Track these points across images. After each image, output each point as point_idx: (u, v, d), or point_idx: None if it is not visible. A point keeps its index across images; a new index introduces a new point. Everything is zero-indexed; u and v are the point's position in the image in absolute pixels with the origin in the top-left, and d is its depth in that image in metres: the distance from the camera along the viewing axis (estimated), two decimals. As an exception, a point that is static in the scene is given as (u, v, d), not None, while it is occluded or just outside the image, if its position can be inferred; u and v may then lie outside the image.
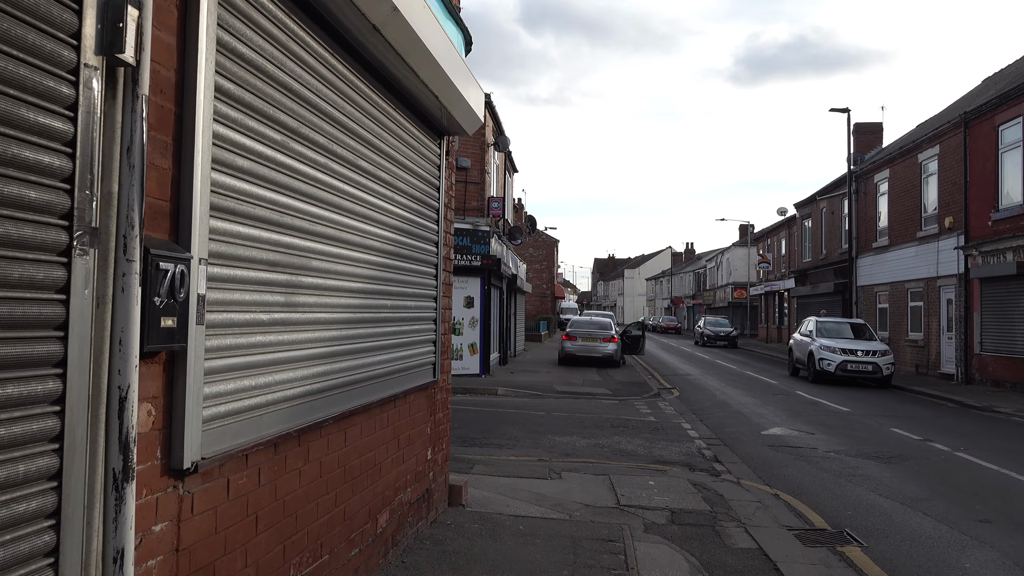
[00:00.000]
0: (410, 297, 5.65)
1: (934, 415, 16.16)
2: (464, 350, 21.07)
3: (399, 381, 5.42)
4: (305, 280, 3.80)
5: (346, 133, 4.30)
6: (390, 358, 5.19)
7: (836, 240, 35.14)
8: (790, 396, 19.04)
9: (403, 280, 5.46)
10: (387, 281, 5.11)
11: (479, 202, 21.61)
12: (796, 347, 24.96)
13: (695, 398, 18.56)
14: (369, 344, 4.77)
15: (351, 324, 4.46)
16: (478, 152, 21.62)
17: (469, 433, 11.99)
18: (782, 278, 47.36)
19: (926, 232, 25.18)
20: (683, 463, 10.39)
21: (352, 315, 4.48)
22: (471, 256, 21.01)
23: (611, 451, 11.06)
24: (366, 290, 4.72)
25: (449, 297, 7.02)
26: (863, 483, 9.29)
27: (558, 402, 16.80)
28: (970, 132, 22.15)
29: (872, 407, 17.18)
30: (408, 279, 5.59)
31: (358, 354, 4.57)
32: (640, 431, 12.94)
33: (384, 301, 5.06)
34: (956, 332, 22.95)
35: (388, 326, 5.15)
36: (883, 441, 12.41)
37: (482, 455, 10.32)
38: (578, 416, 14.43)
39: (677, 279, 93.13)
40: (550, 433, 12.35)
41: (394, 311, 5.26)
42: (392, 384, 5.26)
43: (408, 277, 5.58)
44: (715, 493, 8.44)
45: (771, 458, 10.89)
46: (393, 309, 5.24)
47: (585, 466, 9.75)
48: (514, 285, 29.16)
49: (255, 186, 3.27)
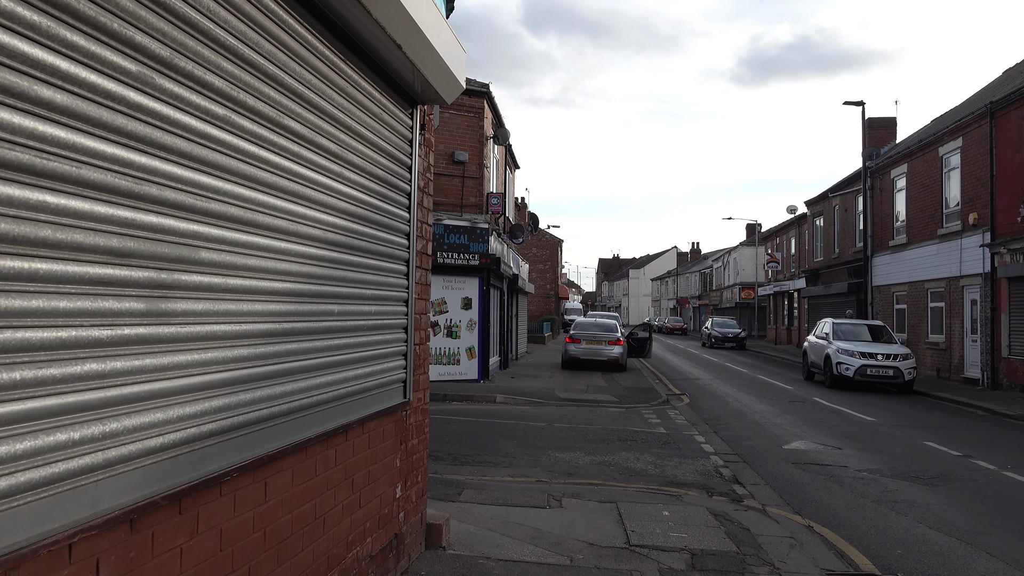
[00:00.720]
0: (369, 300, 4.51)
1: (967, 425, 14.97)
2: (461, 354, 19.94)
3: (353, 407, 4.28)
4: (186, 278, 2.67)
5: (264, 79, 3.17)
6: (338, 379, 4.05)
7: (850, 238, 33.92)
8: (808, 403, 17.86)
9: (358, 279, 4.32)
10: (334, 280, 3.98)
11: (477, 198, 20.48)
12: (811, 350, 23.77)
13: (707, 406, 17.39)
14: (304, 363, 3.63)
15: (274, 338, 3.32)
16: (476, 145, 20.50)
17: (461, 449, 10.86)
18: (792, 278, 46.13)
19: (948, 229, 23.97)
20: (699, 485, 9.24)
21: (276, 325, 3.34)
22: (469, 255, 19.88)
23: (618, 470, 9.91)
24: (300, 293, 3.58)
25: (426, 300, 5.87)
26: (907, 511, 8.12)
27: (560, 411, 15.65)
28: (996, 123, 20.94)
29: (898, 416, 15.99)
30: (366, 278, 4.45)
31: (286, 378, 3.44)
32: (649, 445, 11.79)
33: (329, 306, 3.92)
34: (981, 334, 21.74)
35: (335, 338, 4.01)
36: (919, 457, 11.24)
37: (473, 476, 9.18)
38: (581, 427, 13.28)
39: (683, 279, 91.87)
40: (551, 448, 11.20)
41: (344, 319, 4.12)
42: (342, 412, 4.12)
43: (366, 275, 4.45)
44: (739, 526, 7.28)
45: (798, 479, 9.73)
46: (343, 316, 4.10)
47: (589, 490, 8.61)
48: (515, 285, 28.02)
49: (77, 133, 2.13)
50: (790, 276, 47.05)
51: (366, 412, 4.50)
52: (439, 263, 19.36)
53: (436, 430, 12.38)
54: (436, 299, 19.63)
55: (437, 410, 14.85)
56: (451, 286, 19.89)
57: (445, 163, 19.96)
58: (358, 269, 4.31)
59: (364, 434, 4.53)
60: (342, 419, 4.13)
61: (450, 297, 19.85)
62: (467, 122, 20.40)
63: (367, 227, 4.44)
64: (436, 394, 16.99)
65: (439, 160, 19.84)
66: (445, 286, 19.81)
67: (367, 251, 4.45)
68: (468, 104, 20.38)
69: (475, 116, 20.54)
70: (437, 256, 19.29)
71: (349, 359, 4.20)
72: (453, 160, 20.02)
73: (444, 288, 19.79)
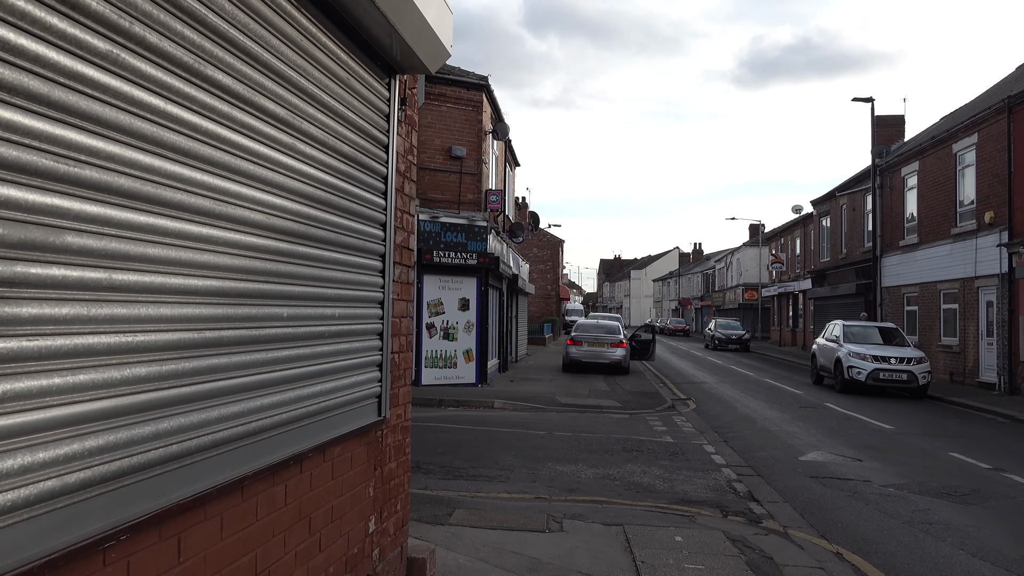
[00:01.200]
0: (332, 302, 3.76)
1: (991, 434, 14.19)
2: (459, 357, 19.17)
3: (310, 431, 3.53)
4: (39, 272, 1.91)
5: (202, 32, 2.42)
6: (289, 399, 3.30)
7: (858, 238, 33.15)
8: (820, 409, 17.08)
9: (318, 276, 3.57)
10: (283, 277, 3.22)
11: (475, 195, 19.71)
12: (820, 353, 22.99)
13: (714, 411, 16.63)
14: (237, 381, 2.88)
15: (190, 352, 2.57)
16: (474, 140, 19.73)
17: (454, 461, 10.10)
18: (797, 279, 45.35)
19: (962, 228, 23.19)
20: (712, 502, 8.49)
21: (193, 335, 2.59)
22: (466, 254, 19.12)
23: (624, 485, 9.15)
24: (233, 292, 2.83)
25: (408, 301, 5.11)
26: (944, 535, 7.36)
27: (561, 418, 14.88)
28: (1015, 118, 20.16)
29: (916, 423, 15.23)
30: (329, 274, 3.70)
31: (207, 402, 2.68)
32: (657, 456, 11.02)
33: (275, 309, 3.17)
34: (998, 337, 20.96)
35: (284, 348, 3.25)
36: (946, 471, 10.47)
37: (466, 492, 8.43)
38: (584, 436, 12.52)
39: (685, 280, 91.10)
40: (551, 460, 10.44)
41: (297, 324, 3.36)
42: (294, 438, 3.37)
43: (329, 271, 3.69)
44: (761, 554, 6.52)
45: (819, 496, 8.96)
46: (295, 322, 3.35)
47: (593, 509, 7.85)
48: (515, 286, 27.26)
49: None
50: (795, 277, 46.28)
51: (328, 436, 3.75)
52: (435, 262, 18.61)
53: (429, 439, 11.64)
54: (432, 300, 18.88)
55: (431, 417, 14.10)
56: (448, 286, 19.13)
57: (442, 158, 19.22)
58: (317, 264, 3.56)
59: (326, 462, 3.78)
60: (294, 447, 3.37)
61: (447, 298, 19.09)
62: (465, 116, 19.65)
63: (329, 213, 3.69)
64: (431, 399, 16.24)
65: (435, 155, 19.10)
66: (442, 286, 19.06)
67: (329, 242, 3.69)
68: (466, 97, 19.63)
69: (473, 110, 19.78)
70: (433, 255, 18.54)
71: (304, 373, 3.44)
72: (450, 155, 19.27)
73: (441, 288, 19.04)
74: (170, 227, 2.44)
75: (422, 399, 16.31)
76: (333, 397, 3.78)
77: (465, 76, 19.78)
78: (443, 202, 19.13)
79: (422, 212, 18.59)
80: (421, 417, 14.00)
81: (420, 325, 18.61)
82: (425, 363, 18.66)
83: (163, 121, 2.40)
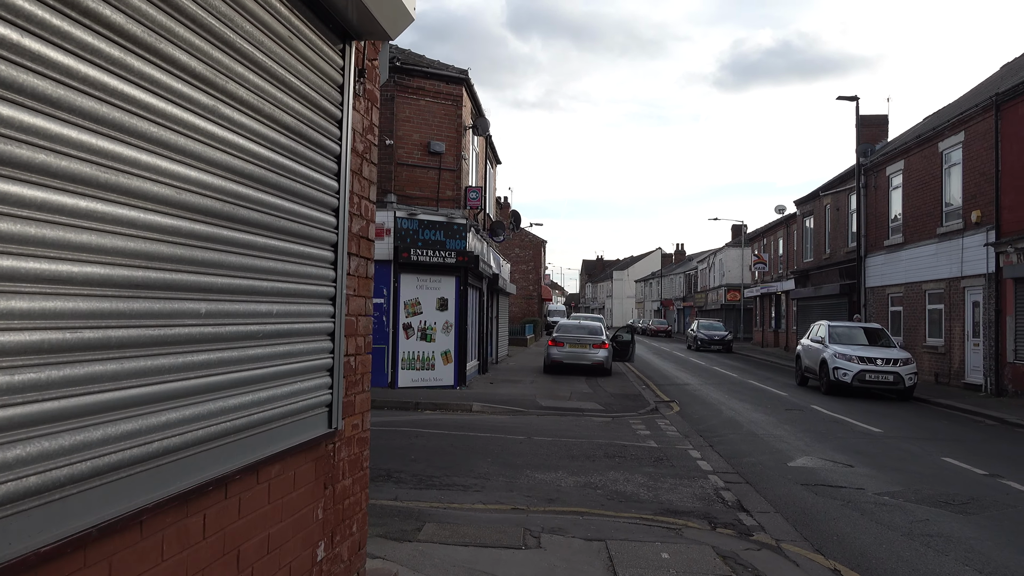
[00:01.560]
0: (269, 297, 3.22)
1: (982, 438, 13.82)
2: (436, 359, 18.61)
3: (238, 449, 3.00)
4: None
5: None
6: (206, 412, 2.76)
7: (842, 238, 32.90)
8: (806, 412, 16.68)
9: (248, 267, 3.04)
10: (201, 266, 2.69)
11: (455, 192, 19.16)
12: (805, 354, 22.62)
13: (698, 414, 16.18)
14: (133, 392, 2.34)
15: (64, 356, 2.03)
16: (453, 135, 19.18)
17: (428, 469, 9.56)
18: (780, 279, 45.16)
19: (948, 228, 22.92)
20: (700, 513, 8.00)
21: (68, 335, 2.05)
22: (445, 252, 18.57)
23: (606, 494, 8.65)
24: (129, 283, 2.29)
25: (367, 297, 4.58)
26: (948, 549, 6.91)
27: (541, 421, 14.37)
28: (1003, 116, 19.88)
29: (905, 426, 14.85)
30: (263, 264, 3.17)
31: (89, 419, 2.14)
32: (640, 463, 10.54)
33: (189, 304, 2.63)
34: (984, 338, 20.68)
35: (201, 350, 2.72)
36: (941, 477, 10.06)
37: (439, 503, 7.90)
38: (565, 441, 12.01)
39: (667, 281, 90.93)
40: (530, 467, 9.92)
41: (219, 322, 2.83)
42: (216, 459, 2.83)
43: (263, 260, 3.16)
44: (754, 573, 6.04)
45: (811, 505, 8.50)
46: (217, 319, 2.81)
47: (573, 522, 7.34)
48: (496, 286, 26.73)
49: None
50: (778, 277, 46.08)
51: (263, 453, 3.21)
52: (413, 261, 18.05)
53: (402, 445, 11.10)
54: (409, 300, 18.31)
55: (406, 421, 13.55)
56: (426, 285, 18.57)
57: (420, 154, 18.65)
58: (248, 251, 3.03)
59: (260, 484, 3.24)
60: (216, 468, 2.84)
61: (424, 297, 18.53)
62: (444, 110, 19.09)
63: (265, 192, 3.15)
64: (407, 402, 15.69)
65: (413, 150, 18.54)
66: (419, 285, 18.49)
67: (264, 227, 3.16)
68: (445, 91, 19.08)
69: (452, 104, 19.23)
70: (411, 253, 17.97)
71: (229, 380, 2.91)
72: (429, 151, 18.70)
73: (418, 288, 18.47)
74: (27, 196, 1.90)
75: (398, 402, 15.76)
76: (270, 407, 3.24)
77: (444, 69, 19.23)
78: (421, 199, 18.57)
79: (399, 209, 18.03)
80: (396, 421, 13.45)
81: (397, 326, 18.04)
82: (402, 365, 18.09)
83: (39, 68, 1.86)
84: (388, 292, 17.93)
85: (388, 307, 17.92)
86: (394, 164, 18.19)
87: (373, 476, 9.06)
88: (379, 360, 17.84)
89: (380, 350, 17.87)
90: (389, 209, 17.95)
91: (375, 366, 17.84)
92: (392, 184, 18.13)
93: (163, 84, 2.46)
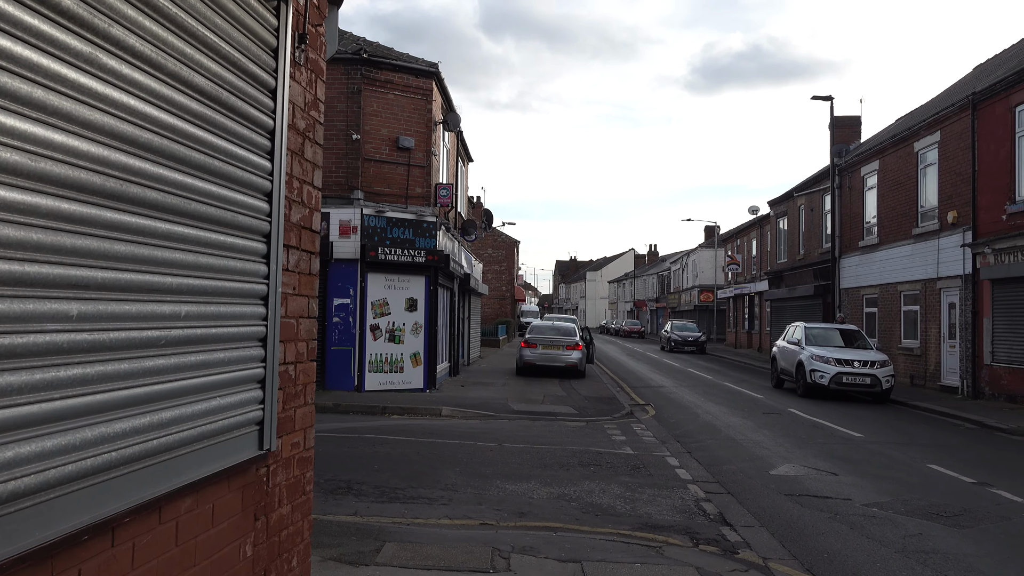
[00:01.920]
0: (174, 296, 2.64)
1: (964, 443, 13.50)
2: (405, 361, 17.99)
3: (129, 484, 2.42)
4: None
5: None
6: (83, 440, 2.18)
7: (816, 239, 32.73)
8: (784, 416, 16.30)
9: (144, 258, 2.45)
10: (68, 255, 2.11)
11: (424, 189, 18.55)
12: (781, 356, 22.30)
13: (675, 418, 15.73)
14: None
15: None
16: (423, 130, 18.56)
17: (392, 480, 8.98)
18: (753, 280, 45.04)
19: (923, 228, 22.72)
20: (681, 528, 7.51)
21: None
22: (414, 251, 17.96)
23: (581, 507, 8.13)
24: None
25: (311, 297, 4.00)
26: (946, 568, 6.45)
27: (513, 426, 13.83)
28: (979, 115, 19.68)
29: (885, 431, 14.50)
30: (166, 255, 2.59)
31: None
32: (617, 471, 10.03)
33: (58, 304, 2.05)
34: (961, 340, 20.47)
35: (70, 364, 2.13)
36: (928, 486, 9.66)
37: (402, 519, 7.33)
38: (537, 448, 11.47)
39: (640, 282, 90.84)
40: (500, 477, 9.37)
41: (98, 327, 2.24)
42: (96, 498, 2.25)
43: (165, 251, 2.58)
44: (743, 598, 5.54)
45: (797, 518, 8.04)
46: (94, 324, 2.23)
47: (546, 539, 6.80)
48: (467, 286, 26.14)
49: None
50: (751, 279, 45.96)
51: (168, 486, 2.63)
52: (380, 260, 17.42)
53: (366, 453, 10.50)
54: (377, 300, 17.68)
55: (371, 427, 12.94)
56: (394, 285, 17.94)
57: (388, 149, 18.02)
58: (144, 239, 2.45)
59: (164, 524, 2.66)
60: (99, 510, 2.25)
61: (393, 298, 17.90)
62: (413, 104, 18.48)
63: (168, 168, 2.57)
64: (374, 407, 15.08)
65: (381, 145, 17.91)
66: (387, 285, 17.86)
67: (168, 210, 2.58)
68: (414, 85, 18.47)
69: (422, 98, 18.63)
70: (378, 252, 17.34)
71: (112, 400, 2.32)
72: (397, 146, 18.07)
73: (386, 288, 17.84)
74: None
75: (364, 406, 15.13)
76: (177, 430, 2.66)
77: (414, 62, 18.62)
78: (389, 196, 17.95)
79: (366, 206, 17.39)
80: (360, 427, 12.84)
81: (364, 327, 17.40)
82: (369, 367, 17.45)
83: None
84: (355, 292, 17.30)
85: (355, 308, 17.28)
86: (361, 159, 17.55)
87: (332, 488, 8.46)
88: (345, 362, 17.20)
89: (346, 352, 17.24)
90: (356, 206, 17.32)
91: (341, 369, 17.19)
92: (359, 180, 17.49)
93: (8, 16, 1.88)
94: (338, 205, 17.27)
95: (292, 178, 3.70)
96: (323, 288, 17.16)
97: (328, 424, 12.93)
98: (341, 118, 17.47)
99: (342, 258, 17.22)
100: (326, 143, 17.53)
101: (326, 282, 17.20)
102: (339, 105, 17.48)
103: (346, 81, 17.53)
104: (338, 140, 17.44)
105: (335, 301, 17.27)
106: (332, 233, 17.19)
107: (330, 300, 17.22)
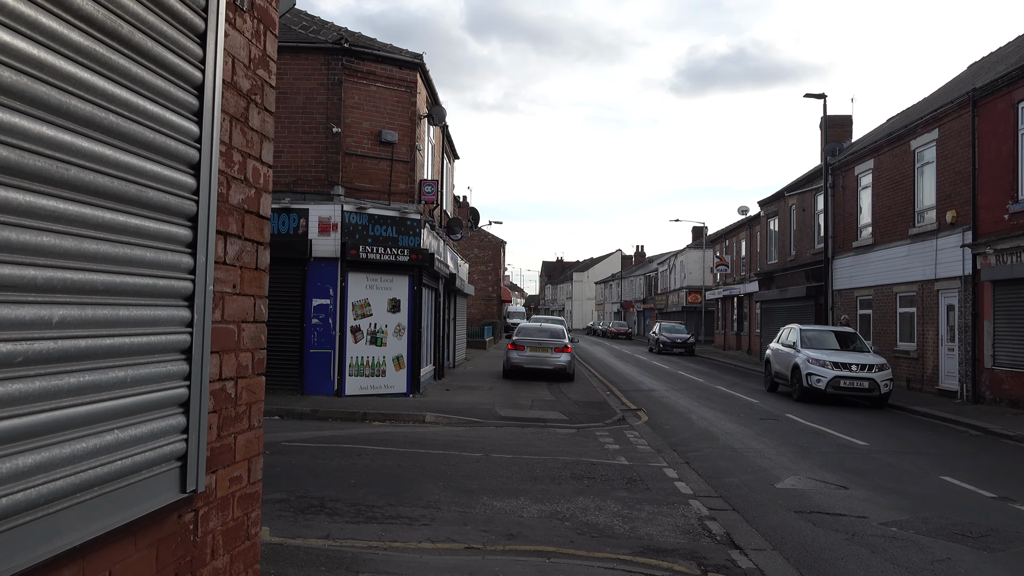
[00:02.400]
0: (44, 295, 1.91)
1: (973, 451, 12.90)
2: (388, 364, 17.24)
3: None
4: None
5: None
6: None
7: (808, 240, 32.20)
8: (782, 422, 15.67)
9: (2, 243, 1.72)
10: None
11: (408, 185, 17.80)
12: (775, 359, 21.71)
13: (669, 425, 15.07)
14: None
15: None
16: (407, 125, 17.83)
17: (369, 496, 8.25)
18: (742, 281, 44.53)
19: (920, 229, 22.18)
20: (686, 552, 6.82)
21: None
22: (397, 250, 17.21)
23: (575, 528, 7.43)
24: None
25: (259, 297, 3.27)
26: (983, 600, 5.80)
27: (500, 434, 13.12)
28: (980, 112, 19.14)
29: (889, 438, 13.89)
30: (35, 240, 1.85)
31: None
32: (612, 485, 9.34)
33: None
34: (960, 343, 19.93)
35: None
36: (947, 501, 9.02)
37: (378, 543, 6.60)
38: (526, 459, 10.76)
39: (627, 283, 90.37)
40: (487, 493, 8.66)
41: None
42: None
43: (34, 235, 1.85)
44: (765, 642, 4.84)
45: (811, 539, 7.36)
46: None
47: (538, 567, 6.09)
48: (453, 286, 25.41)
49: None
50: (740, 280, 45.45)
51: (37, 556, 1.90)
52: (362, 259, 16.66)
53: (343, 466, 9.76)
54: (358, 300, 16.91)
55: (351, 436, 12.18)
56: (376, 285, 17.18)
57: (370, 143, 17.27)
58: None
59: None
60: None
61: (375, 298, 17.14)
62: (397, 97, 17.73)
63: (38, 121, 1.84)
64: (354, 413, 14.33)
65: (362, 139, 17.15)
66: (369, 285, 17.10)
67: (41, 178, 1.85)
68: (398, 77, 17.72)
69: (406, 91, 17.88)
70: (359, 251, 16.59)
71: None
72: (380, 140, 17.32)
73: (368, 288, 17.08)
74: None
75: (343, 412, 14.38)
76: (42, 480, 1.93)
77: (397, 53, 17.87)
78: (371, 192, 17.19)
79: (347, 202, 16.63)
80: (338, 436, 12.09)
81: (344, 329, 16.64)
82: (349, 371, 16.68)
83: None
84: (334, 292, 16.54)
85: (334, 309, 16.52)
86: (342, 154, 16.79)
87: (302, 507, 7.72)
88: (324, 366, 16.44)
89: (326, 355, 16.48)
90: (336, 202, 16.57)
91: (320, 373, 16.42)
92: (340, 175, 16.74)
93: None
94: (317, 201, 16.52)
95: (232, 149, 2.97)
96: (302, 288, 16.41)
97: (304, 432, 12.18)
98: (321, 110, 16.71)
99: (321, 256, 16.46)
100: (305, 136, 16.77)
101: (305, 282, 16.45)
102: (319, 97, 16.72)
103: (326, 71, 16.77)
104: (317, 133, 16.69)
105: (314, 302, 16.50)
106: (311, 230, 16.44)
107: (309, 300, 16.46)
